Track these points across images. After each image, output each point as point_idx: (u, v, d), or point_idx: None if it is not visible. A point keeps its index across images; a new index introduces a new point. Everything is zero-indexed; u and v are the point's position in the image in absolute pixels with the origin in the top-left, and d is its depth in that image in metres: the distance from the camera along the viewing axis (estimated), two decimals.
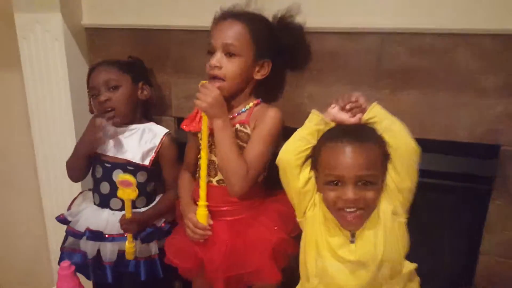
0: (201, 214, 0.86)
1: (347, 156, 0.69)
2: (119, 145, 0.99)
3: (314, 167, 0.76)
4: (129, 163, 0.99)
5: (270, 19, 0.91)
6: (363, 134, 0.72)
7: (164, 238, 0.97)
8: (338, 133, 0.73)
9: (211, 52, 0.85)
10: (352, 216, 0.70)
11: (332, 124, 0.76)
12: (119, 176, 0.93)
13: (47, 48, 1.08)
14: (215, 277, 0.85)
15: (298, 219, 0.81)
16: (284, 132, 1.04)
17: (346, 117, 0.74)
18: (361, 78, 0.94)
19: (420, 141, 0.74)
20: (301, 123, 0.89)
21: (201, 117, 0.87)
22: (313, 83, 0.98)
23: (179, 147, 1.03)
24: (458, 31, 0.85)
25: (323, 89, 0.97)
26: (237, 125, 0.87)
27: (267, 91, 0.97)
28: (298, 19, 0.91)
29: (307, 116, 0.79)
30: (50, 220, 1.20)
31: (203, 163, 0.86)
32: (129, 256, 0.95)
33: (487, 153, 0.89)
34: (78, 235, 0.99)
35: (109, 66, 0.98)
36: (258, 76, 0.88)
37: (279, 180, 0.80)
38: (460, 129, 0.89)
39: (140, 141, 1.00)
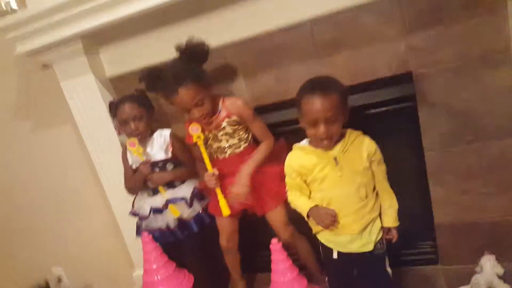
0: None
1: (319, 105, 0.98)
2: (147, 154, 1.42)
3: (298, 112, 1.05)
4: (159, 161, 1.42)
5: None
6: (329, 87, 1.00)
7: (202, 200, 1.43)
8: (310, 88, 1.00)
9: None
10: (326, 143, 1.03)
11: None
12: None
13: (88, 100, 1.53)
14: None
15: None
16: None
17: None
18: (306, 54, 1.32)
19: (358, 85, 1.09)
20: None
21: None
22: (275, 67, 1.37)
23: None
24: (359, 3, 1.21)
25: (284, 70, 1.36)
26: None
27: None
28: None
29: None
30: (122, 220, 1.65)
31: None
32: (175, 213, 1.37)
33: (405, 80, 1.25)
34: (146, 217, 1.41)
35: (132, 102, 1.38)
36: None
37: None
38: (381, 68, 1.26)
39: (158, 144, 1.43)
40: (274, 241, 1.21)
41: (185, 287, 1.32)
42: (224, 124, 1.29)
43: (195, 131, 1.30)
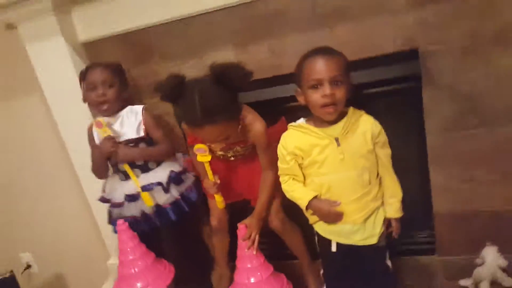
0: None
1: (323, 64, 0.91)
2: (117, 132, 1.26)
3: (298, 84, 0.97)
4: (131, 140, 1.26)
5: None
6: (332, 51, 0.94)
7: (179, 184, 1.29)
8: (313, 52, 0.94)
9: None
10: (331, 108, 0.92)
11: None
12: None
13: (58, 67, 1.35)
14: None
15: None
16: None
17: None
18: (305, 24, 1.19)
19: (358, 61, 0.98)
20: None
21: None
22: (269, 38, 1.24)
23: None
24: None
25: (279, 41, 1.23)
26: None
27: None
28: None
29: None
30: (95, 205, 1.49)
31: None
32: (148, 203, 1.23)
33: (410, 57, 1.14)
34: (119, 204, 1.28)
35: (105, 68, 1.24)
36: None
37: None
38: (385, 43, 1.15)
39: (129, 122, 1.27)
40: (241, 226, 1.13)
41: (166, 280, 1.19)
42: (237, 147, 1.19)
43: (201, 152, 1.17)
